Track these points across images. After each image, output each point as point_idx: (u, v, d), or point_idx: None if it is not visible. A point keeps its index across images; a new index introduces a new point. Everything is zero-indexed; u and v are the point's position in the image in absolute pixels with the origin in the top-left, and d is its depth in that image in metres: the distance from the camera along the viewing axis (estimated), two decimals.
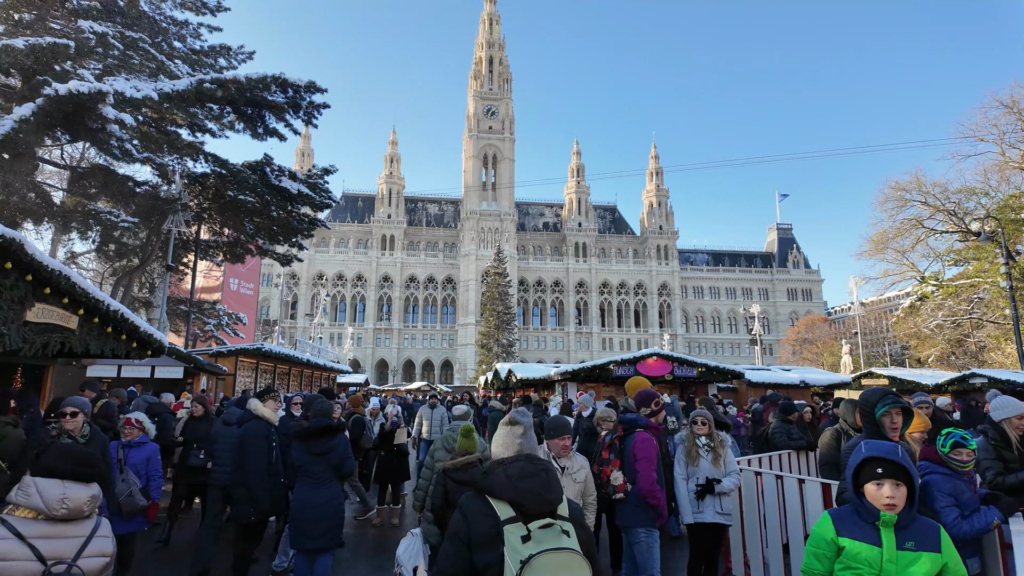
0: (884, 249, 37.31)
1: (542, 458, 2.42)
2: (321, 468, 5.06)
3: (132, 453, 5.42)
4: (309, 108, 20.65)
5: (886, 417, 3.27)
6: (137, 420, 5.68)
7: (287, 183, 20.46)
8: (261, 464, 5.39)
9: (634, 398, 5.32)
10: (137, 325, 8.00)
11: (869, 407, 3.31)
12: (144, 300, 22.44)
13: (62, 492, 2.46)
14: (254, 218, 21.74)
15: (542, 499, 2.12)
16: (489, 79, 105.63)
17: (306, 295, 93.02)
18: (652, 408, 5.03)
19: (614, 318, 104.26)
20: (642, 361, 17.50)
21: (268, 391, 5.94)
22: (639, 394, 5.24)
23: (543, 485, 2.15)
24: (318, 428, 5.10)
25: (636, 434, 4.74)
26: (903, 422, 3.26)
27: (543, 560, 1.96)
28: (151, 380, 14.08)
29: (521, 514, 2.11)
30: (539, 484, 2.15)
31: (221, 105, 19.55)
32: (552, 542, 2.02)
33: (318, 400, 5.38)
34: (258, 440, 5.47)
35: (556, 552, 1.99)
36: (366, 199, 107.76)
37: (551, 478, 2.19)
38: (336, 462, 5.11)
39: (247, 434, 5.48)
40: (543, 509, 2.11)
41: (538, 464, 2.26)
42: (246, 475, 5.33)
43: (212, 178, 21.28)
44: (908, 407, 3.27)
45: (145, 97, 16.28)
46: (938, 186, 30.54)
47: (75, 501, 2.48)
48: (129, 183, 20.17)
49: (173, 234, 18.96)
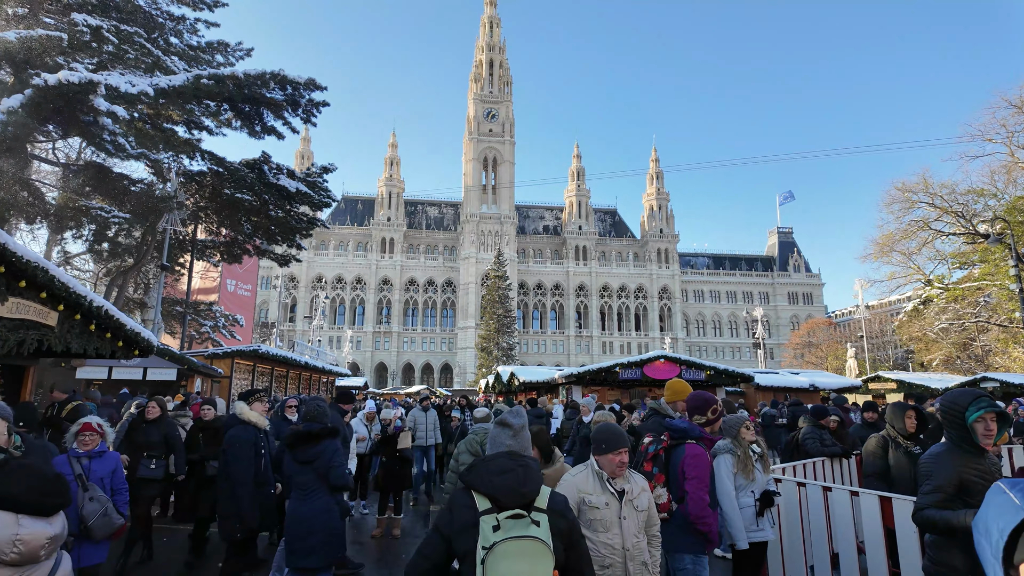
0: (889, 252, 36.88)
1: (523, 454, 2.66)
2: (308, 478, 4.56)
3: (95, 465, 4.46)
4: (308, 106, 20.27)
5: (980, 423, 2.82)
6: (99, 424, 4.68)
7: (285, 181, 20.05)
8: (247, 474, 4.89)
9: (686, 403, 4.52)
10: (122, 323, 7.54)
11: (958, 410, 2.86)
12: (139, 301, 21.97)
13: (13, 532, 1.85)
14: (251, 217, 21.30)
15: (517, 492, 2.32)
16: (489, 82, 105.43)
17: (305, 298, 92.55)
18: (708, 416, 4.28)
19: (614, 322, 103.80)
20: (649, 363, 17.06)
21: (253, 392, 5.45)
22: (692, 398, 4.44)
23: (519, 480, 2.36)
24: (301, 434, 4.63)
25: (687, 447, 4.02)
26: (998, 428, 2.81)
27: (505, 547, 2.18)
28: (144, 382, 13.63)
29: (497, 506, 2.31)
30: (515, 479, 2.35)
31: (218, 102, 19.14)
32: (518, 531, 2.22)
33: (312, 402, 4.90)
34: (244, 447, 4.97)
35: (518, 540, 2.19)
36: (366, 202, 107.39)
37: (528, 473, 2.40)
38: (322, 471, 4.57)
39: (232, 440, 4.98)
40: (517, 502, 2.31)
41: (517, 460, 2.48)
42: (231, 486, 4.84)
43: (209, 176, 20.86)
44: (1004, 412, 2.80)
45: (140, 92, 15.86)
46: (945, 187, 30.16)
47: (31, 543, 1.87)
48: (124, 181, 19.74)
49: (168, 233, 18.50)
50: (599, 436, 3.48)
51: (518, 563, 2.16)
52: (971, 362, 42.88)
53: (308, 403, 4.83)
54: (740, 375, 17.31)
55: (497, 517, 2.27)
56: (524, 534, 2.22)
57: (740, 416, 4.52)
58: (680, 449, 4.05)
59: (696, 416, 4.35)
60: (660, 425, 4.67)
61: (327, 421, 4.77)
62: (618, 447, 3.37)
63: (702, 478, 3.94)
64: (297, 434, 4.64)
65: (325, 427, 4.73)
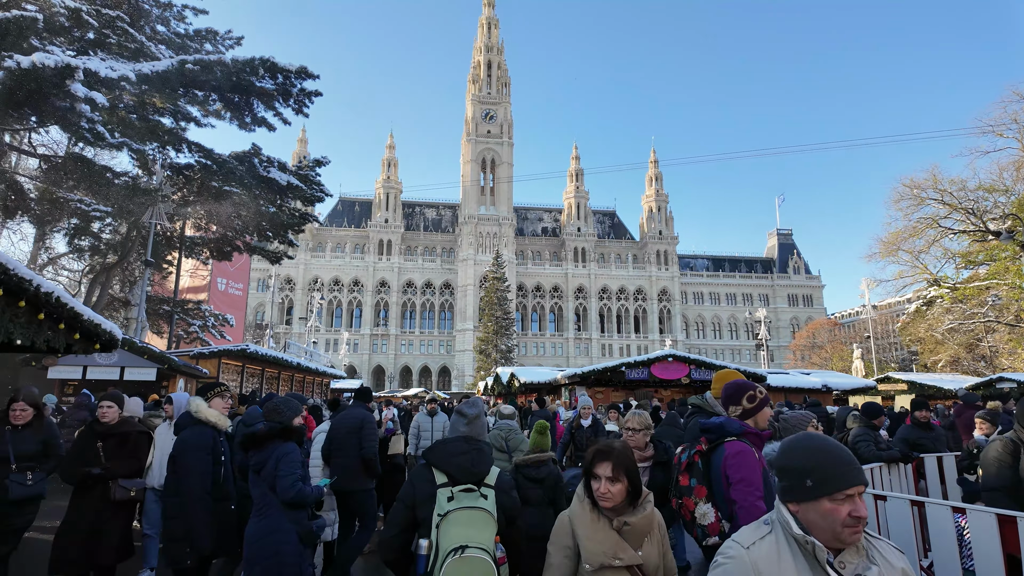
0: (895, 251, 36.17)
1: (477, 439, 3.07)
2: (259, 491, 3.76)
3: None
4: (300, 96, 19.52)
5: None
6: None
7: (276, 174, 19.27)
8: (202, 487, 4.05)
9: (720, 395, 3.62)
10: (78, 312, 6.69)
11: None
12: (124, 300, 21.14)
13: None
14: (241, 212, 20.49)
15: (469, 471, 2.83)
16: (488, 83, 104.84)
17: (302, 300, 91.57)
18: (744, 406, 3.34)
19: (613, 324, 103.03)
20: (657, 363, 16.28)
21: (214, 385, 4.60)
22: (726, 388, 3.54)
23: (471, 461, 2.88)
24: (246, 436, 3.84)
25: (726, 446, 3.17)
26: None
27: (457, 515, 2.68)
28: (121, 383, 12.79)
29: (452, 481, 2.80)
30: (468, 460, 2.87)
31: (206, 91, 18.38)
32: (468, 502, 2.72)
33: (277, 400, 4.11)
34: (198, 454, 4.12)
35: (468, 509, 2.70)
36: (363, 204, 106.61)
37: (479, 456, 2.92)
38: (270, 482, 3.70)
39: (184, 446, 4.13)
40: (469, 478, 2.80)
41: (471, 444, 2.98)
42: (182, 502, 4.00)
43: (197, 169, 20.05)
44: None
45: (121, 77, 15.07)
46: (955, 183, 29.37)
47: None
48: (108, 174, 18.92)
49: (153, 227, 17.68)
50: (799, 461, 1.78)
51: (466, 529, 2.62)
52: (977, 363, 42.19)
53: (275, 399, 4.04)
54: (752, 375, 16.52)
55: (452, 490, 2.74)
56: (473, 505, 2.69)
57: (805, 414, 3.63)
58: (720, 450, 3.22)
59: (731, 408, 3.43)
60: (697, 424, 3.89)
61: (285, 420, 3.95)
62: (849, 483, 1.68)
63: (750, 480, 3.03)
64: (243, 436, 3.85)
65: (273, 427, 3.85)
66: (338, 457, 6.43)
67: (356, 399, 7.20)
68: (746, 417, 3.35)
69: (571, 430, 8.98)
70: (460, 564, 2.54)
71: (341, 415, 6.78)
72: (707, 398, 4.21)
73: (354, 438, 6.45)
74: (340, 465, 6.36)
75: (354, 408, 6.86)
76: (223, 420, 4.29)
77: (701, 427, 3.43)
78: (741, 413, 3.38)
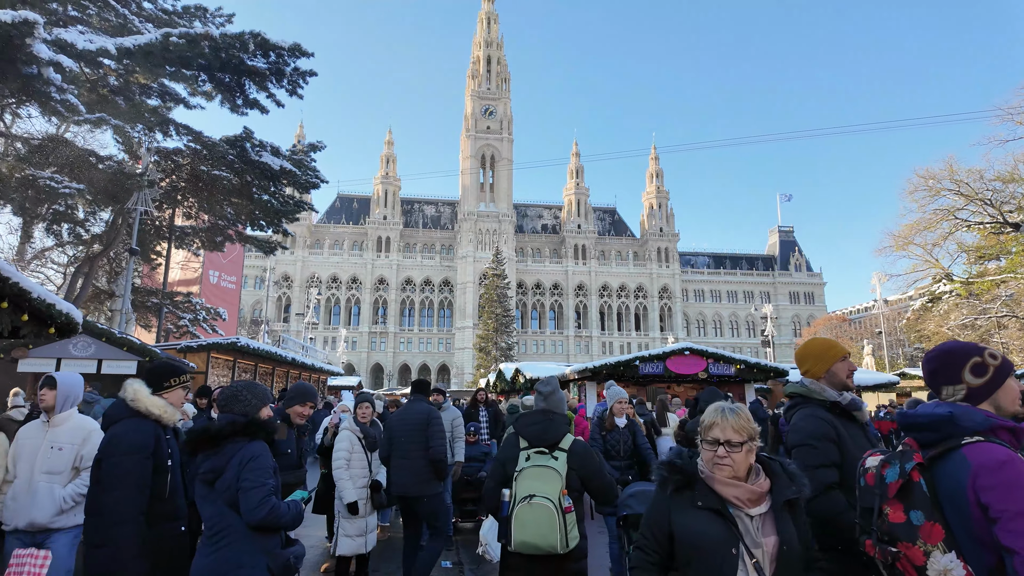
0: (907, 244, 35.28)
1: (552, 411, 3.73)
2: (213, 509, 2.75)
3: None
4: (294, 75, 18.51)
5: None
6: None
7: (268, 158, 18.27)
8: (135, 502, 2.98)
9: (925, 368, 2.24)
10: (25, 289, 5.71)
11: None
12: (110, 292, 20.17)
13: None
14: (232, 199, 19.49)
15: (541, 437, 3.52)
16: (487, 79, 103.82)
17: (299, 298, 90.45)
18: (969, 383, 2.06)
19: (614, 321, 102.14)
20: (672, 356, 15.32)
21: (174, 371, 3.50)
22: (930, 360, 2.21)
23: (543, 429, 3.56)
24: (194, 434, 2.83)
25: (970, 454, 1.89)
26: None
27: (529, 471, 3.36)
28: (98, 376, 11.82)
29: (530, 444, 3.52)
30: (540, 428, 3.57)
31: (194, 69, 17.37)
32: (540, 461, 3.40)
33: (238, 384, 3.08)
34: (133, 458, 3.03)
35: (539, 467, 3.36)
36: (361, 201, 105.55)
37: (550, 425, 3.58)
38: (228, 497, 2.71)
39: (113, 446, 3.04)
40: (542, 443, 3.50)
41: (546, 415, 3.66)
42: (105, 523, 2.91)
43: (186, 154, 19.06)
44: None
45: (100, 50, 14.07)
46: (972, 173, 28.41)
47: None
48: (91, 157, 17.94)
49: (139, 214, 16.69)
50: None
51: (535, 482, 3.31)
52: None
53: (236, 383, 3.05)
54: (774, 369, 15.58)
55: (529, 452, 3.48)
56: (544, 464, 3.39)
57: None
58: (956, 461, 1.93)
59: (945, 389, 2.12)
60: (816, 419, 2.78)
61: (248, 411, 2.94)
62: None
63: None
64: (189, 434, 2.84)
65: (233, 420, 2.82)
66: (401, 458, 5.76)
67: (415, 392, 6.38)
68: (977, 400, 2.06)
69: (601, 432, 6.67)
70: (527, 509, 3.21)
71: (402, 411, 6.12)
72: (806, 382, 3.02)
73: (420, 436, 5.78)
74: (404, 468, 5.72)
75: (416, 403, 6.12)
76: (170, 412, 3.20)
77: (906, 422, 2.12)
78: (967, 395, 2.08)
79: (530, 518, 3.19)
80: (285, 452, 5.03)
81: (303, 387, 4.64)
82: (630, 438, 6.57)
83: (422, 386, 6.47)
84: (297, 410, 4.74)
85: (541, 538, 3.16)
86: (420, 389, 6.41)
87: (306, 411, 4.78)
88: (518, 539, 3.20)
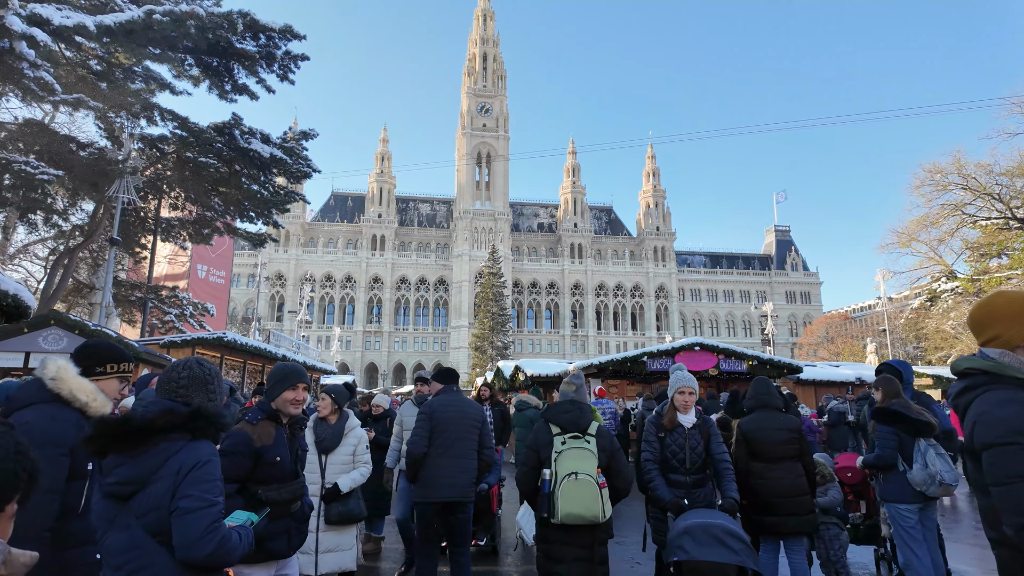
0: (910, 241, 34.81)
1: (580, 402, 4.11)
2: (122, 537, 1.93)
3: None
4: (285, 60, 17.75)
5: None
6: None
7: (258, 146, 17.46)
8: (44, 512, 2.21)
9: None
10: None
11: None
12: (92, 286, 19.31)
13: None
14: (220, 188, 18.65)
15: (575, 424, 3.92)
16: (483, 76, 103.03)
17: (293, 296, 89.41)
18: None
19: (610, 321, 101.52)
20: (682, 352, 14.65)
21: (115, 355, 2.72)
22: None
23: (576, 416, 3.95)
24: (102, 426, 1.98)
25: None
26: None
27: (568, 452, 3.79)
28: None
29: (563, 430, 3.91)
30: (573, 416, 3.95)
31: (179, 52, 16.56)
32: (576, 444, 3.83)
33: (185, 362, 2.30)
34: (46, 452, 2.21)
35: (577, 449, 3.80)
36: (356, 199, 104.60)
37: (581, 413, 3.97)
38: (152, 521, 1.92)
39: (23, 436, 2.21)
40: (575, 429, 3.90)
41: (575, 405, 4.04)
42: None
43: (172, 141, 18.23)
44: None
45: (78, 26, 13.26)
46: (981, 167, 27.87)
47: None
48: (71, 144, 17.09)
49: (120, 202, 15.85)
50: None
51: (576, 461, 3.74)
52: None
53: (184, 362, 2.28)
54: (788, 366, 14.93)
55: (564, 437, 3.88)
56: (580, 446, 3.81)
57: None
58: None
59: None
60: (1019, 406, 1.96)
61: (194, 401, 2.15)
62: None
63: None
64: (95, 426, 2.00)
65: (169, 410, 2.03)
66: (458, 456, 4.97)
67: (445, 381, 5.43)
68: None
69: (659, 434, 4.71)
70: (574, 484, 3.68)
71: (452, 403, 5.17)
72: (994, 354, 2.15)
73: (475, 434, 5.09)
74: (460, 468, 4.95)
75: (460, 395, 5.30)
76: (101, 402, 2.43)
77: None
78: None
79: (576, 493, 3.63)
80: (273, 460, 3.49)
81: (285, 367, 3.48)
82: (700, 443, 4.58)
83: (451, 375, 5.53)
84: (287, 397, 3.44)
85: (586, 509, 3.62)
86: (455, 378, 5.50)
87: (299, 396, 3.51)
88: (565, 511, 3.63)
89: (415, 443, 4.97)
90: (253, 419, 3.36)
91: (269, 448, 3.26)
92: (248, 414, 3.47)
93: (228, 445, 3.15)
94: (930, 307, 41.23)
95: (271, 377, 3.48)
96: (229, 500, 2.52)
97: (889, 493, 4.55)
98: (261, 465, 3.22)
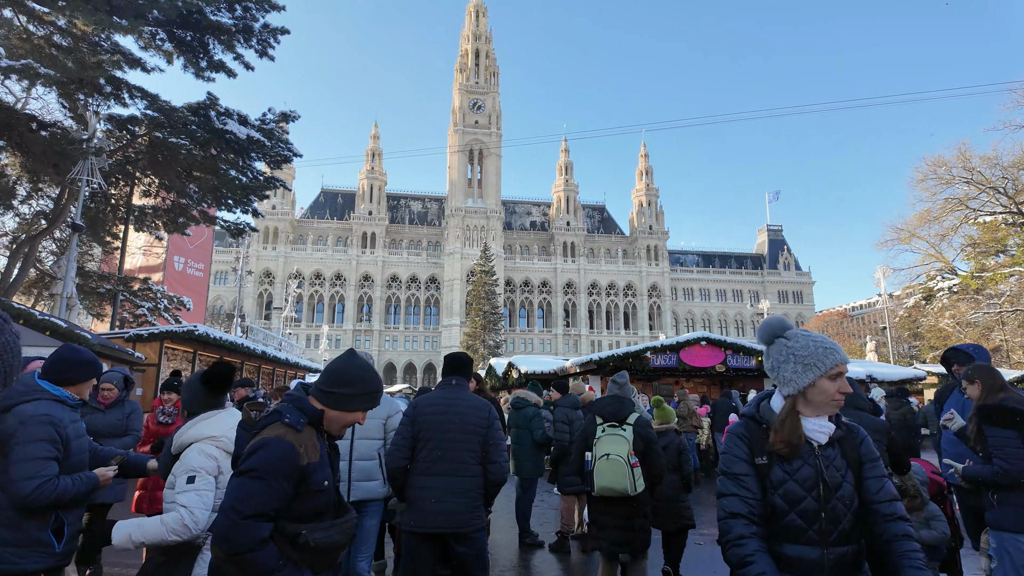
0: (910, 239, 34.18)
1: (622, 397, 4.91)
2: None
3: None
4: (264, 34, 16.65)
5: None
6: None
7: (234, 127, 16.32)
8: None
9: None
10: None
11: None
12: (53, 275, 18.08)
13: None
14: (195, 173, 17.48)
15: (614, 415, 4.66)
16: (475, 72, 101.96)
17: (281, 294, 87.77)
18: None
19: (603, 320, 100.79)
20: (687, 347, 13.69)
21: None
22: None
23: (616, 409, 4.69)
24: None
25: None
26: None
27: (604, 438, 4.55)
28: None
29: (604, 420, 4.67)
30: (613, 408, 4.70)
31: (149, 24, 15.42)
32: (612, 432, 4.57)
33: None
34: None
35: (611, 436, 4.55)
36: (346, 196, 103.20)
37: (620, 405, 4.72)
38: None
39: None
40: (614, 419, 4.64)
41: (616, 399, 4.82)
42: None
43: (142, 122, 17.05)
44: None
45: None
46: (987, 161, 27.17)
47: None
48: (32, 123, 15.88)
49: (84, 184, 14.68)
50: None
51: (610, 445, 4.48)
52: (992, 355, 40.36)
53: None
54: None
55: (604, 426, 4.64)
56: (615, 433, 4.55)
57: None
58: None
59: None
60: None
61: None
62: None
63: None
64: None
65: None
66: (448, 474, 3.70)
67: (454, 373, 4.10)
68: None
69: (754, 459, 2.07)
70: (605, 463, 4.42)
71: (444, 400, 3.92)
72: None
73: (476, 442, 3.79)
74: (452, 488, 3.68)
75: (461, 390, 4.00)
76: None
77: None
78: None
79: (608, 470, 4.40)
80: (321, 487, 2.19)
81: (364, 371, 2.37)
82: (846, 474, 2.03)
83: (462, 365, 4.18)
84: (347, 420, 2.37)
85: (616, 483, 4.36)
86: (460, 369, 4.15)
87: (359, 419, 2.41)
88: (599, 484, 4.43)
89: (391, 454, 3.84)
90: (297, 423, 2.15)
91: (316, 468, 2.12)
92: (286, 414, 2.17)
93: (263, 460, 1.99)
94: (926, 305, 40.68)
95: (338, 380, 2.26)
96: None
97: (1007, 520, 3.41)
98: (305, 493, 2.10)
